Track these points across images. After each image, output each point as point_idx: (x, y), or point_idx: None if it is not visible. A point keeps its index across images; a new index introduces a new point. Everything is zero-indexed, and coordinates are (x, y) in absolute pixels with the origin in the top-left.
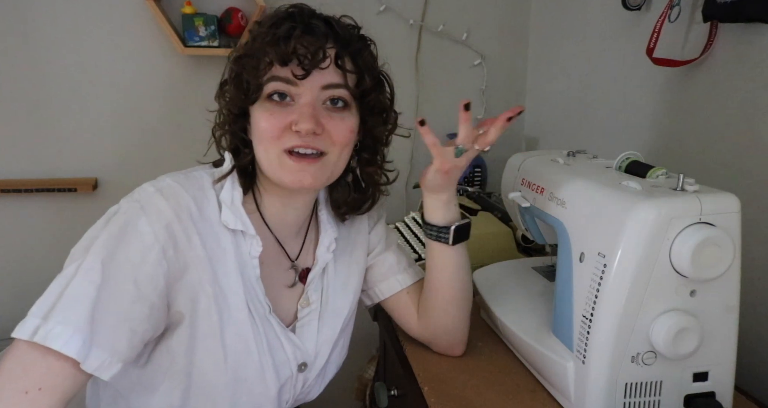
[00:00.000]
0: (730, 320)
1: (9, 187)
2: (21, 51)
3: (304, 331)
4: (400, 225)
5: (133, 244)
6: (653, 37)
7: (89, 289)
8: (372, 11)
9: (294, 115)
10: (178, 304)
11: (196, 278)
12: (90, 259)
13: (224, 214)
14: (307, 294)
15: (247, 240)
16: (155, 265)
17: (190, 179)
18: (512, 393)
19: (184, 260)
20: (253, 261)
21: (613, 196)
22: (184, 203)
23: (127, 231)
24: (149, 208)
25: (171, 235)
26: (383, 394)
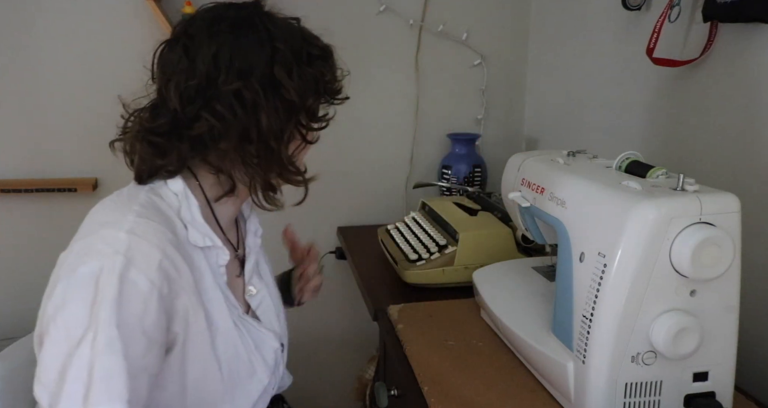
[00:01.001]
0: (730, 320)
1: (9, 187)
2: (21, 51)
3: (266, 315)
4: (400, 225)
5: (133, 300)
6: (653, 37)
7: (118, 360)
8: (372, 11)
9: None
10: (176, 326)
11: (186, 303)
12: (105, 331)
13: (191, 234)
14: (251, 281)
15: (214, 251)
16: (157, 309)
17: (147, 207)
18: (512, 393)
19: (176, 290)
20: (221, 269)
21: (613, 196)
22: (162, 235)
23: (124, 289)
24: (135, 256)
25: (164, 274)
26: (383, 394)
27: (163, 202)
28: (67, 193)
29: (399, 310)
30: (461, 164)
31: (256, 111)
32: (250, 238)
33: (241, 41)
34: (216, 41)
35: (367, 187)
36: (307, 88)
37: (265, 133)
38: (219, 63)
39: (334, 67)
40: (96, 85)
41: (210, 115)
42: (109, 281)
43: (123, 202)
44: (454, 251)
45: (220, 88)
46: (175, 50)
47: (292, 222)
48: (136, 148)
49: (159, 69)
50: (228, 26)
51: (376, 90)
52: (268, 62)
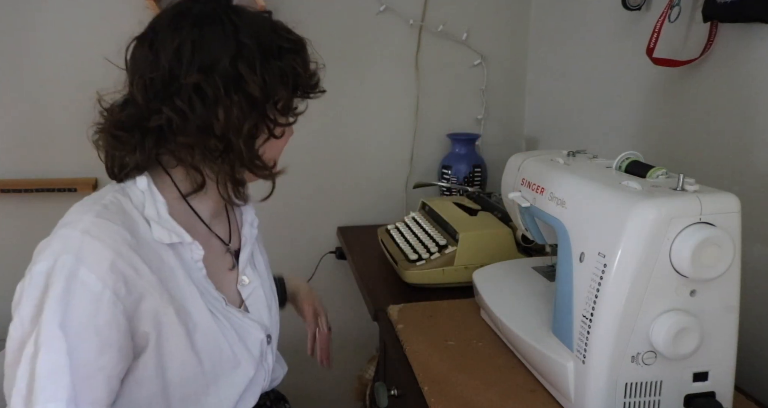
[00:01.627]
0: (730, 320)
1: (9, 187)
2: (21, 51)
3: (256, 306)
4: (400, 225)
5: (83, 298)
6: (653, 37)
7: (60, 358)
8: (372, 11)
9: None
10: (144, 326)
11: (153, 304)
12: (47, 329)
13: (155, 232)
14: (245, 273)
15: (186, 246)
16: (111, 309)
17: (109, 207)
18: (512, 393)
19: (137, 292)
20: (198, 264)
21: (613, 196)
22: (118, 235)
23: (71, 288)
24: (85, 256)
25: (118, 274)
26: (383, 394)
27: (129, 202)
28: (67, 193)
29: (399, 310)
30: (461, 164)
31: (215, 105)
32: (246, 228)
33: (204, 35)
34: (179, 35)
35: (367, 187)
36: (274, 82)
37: (224, 128)
38: (181, 57)
39: (306, 60)
40: (96, 85)
41: (169, 108)
42: (57, 280)
43: (89, 202)
44: (454, 251)
45: (180, 82)
46: (143, 46)
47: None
48: (102, 142)
49: (129, 64)
50: (192, 20)
51: (376, 90)
52: (232, 56)
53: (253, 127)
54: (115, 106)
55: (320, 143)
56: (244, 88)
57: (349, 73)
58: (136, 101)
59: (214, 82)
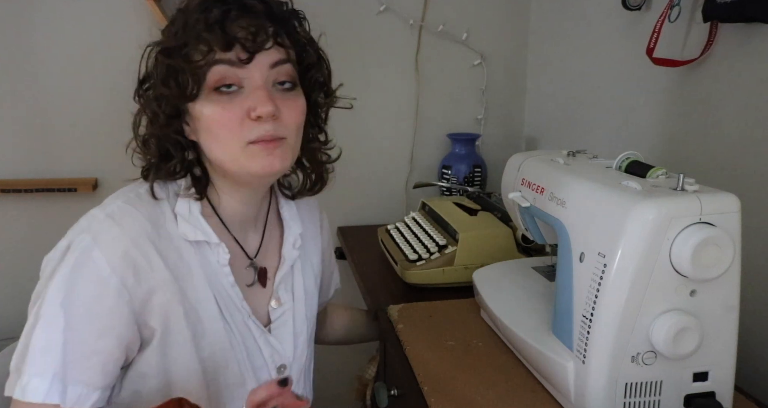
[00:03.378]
0: (730, 320)
1: (9, 187)
2: (20, 50)
3: (281, 332)
4: (400, 225)
5: (89, 279)
6: (653, 37)
7: (56, 335)
8: (372, 11)
9: (248, 101)
10: (152, 321)
11: (164, 299)
12: (48, 304)
13: (181, 227)
14: (277, 293)
15: (213, 248)
16: (115, 297)
17: (142, 197)
18: (512, 393)
19: (148, 285)
20: (224, 269)
21: (613, 196)
22: (139, 225)
23: (81, 266)
24: (102, 238)
25: (129, 263)
26: (383, 394)
27: (163, 194)
28: (67, 193)
29: (399, 310)
30: (461, 164)
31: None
32: (287, 248)
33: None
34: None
35: (367, 187)
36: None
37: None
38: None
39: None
40: (96, 85)
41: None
42: (71, 256)
43: (128, 188)
44: (454, 251)
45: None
46: None
47: None
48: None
49: None
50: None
51: (376, 90)
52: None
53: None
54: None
55: None
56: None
57: (349, 73)
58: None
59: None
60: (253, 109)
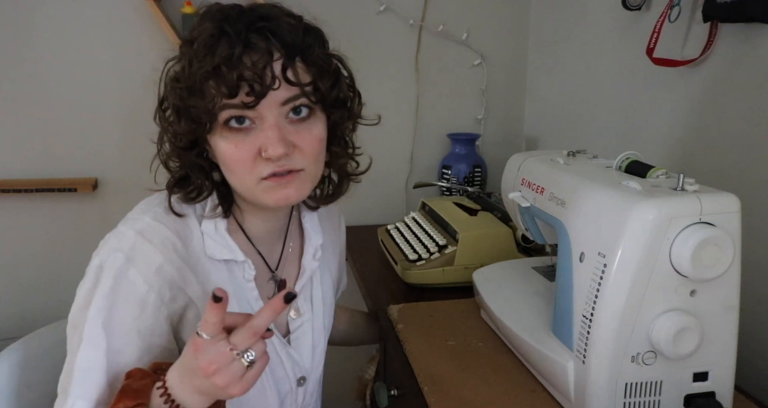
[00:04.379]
0: (730, 320)
1: (9, 187)
2: (21, 51)
3: (300, 343)
4: (400, 225)
5: (128, 299)
6: (653, 37)
7: (98, 357)
8: (372, 11)
9: (260, 139)
10: (185, 335)
11: (196, 314)
12: (90, 325)
13: (208, 246)
14: (296, 304)
15: (239, 265)
16: (155, 313)
17: (170, 214)
18: (512, 393)
19: (183, 300)
20: (249, 284)
21: (613, 196)
22: (170, 242)
23: (119, 287)
24: (136, 256)
25: (165, 279)
26: (383, 394)
27: (190, 210)
28: (67, 193)
29: (399, 310)
30: (461, 164)
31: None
32: (307, 259)
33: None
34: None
35: (367, 187)
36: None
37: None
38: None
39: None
40: (96, 85)
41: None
42: (107, 276)
43: (155, 201)
44: (454, 251)
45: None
46: None
47: None
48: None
49: None
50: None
51: (376, 90)
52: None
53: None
54: None
55: None
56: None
57: None
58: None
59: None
60: (264, 150)
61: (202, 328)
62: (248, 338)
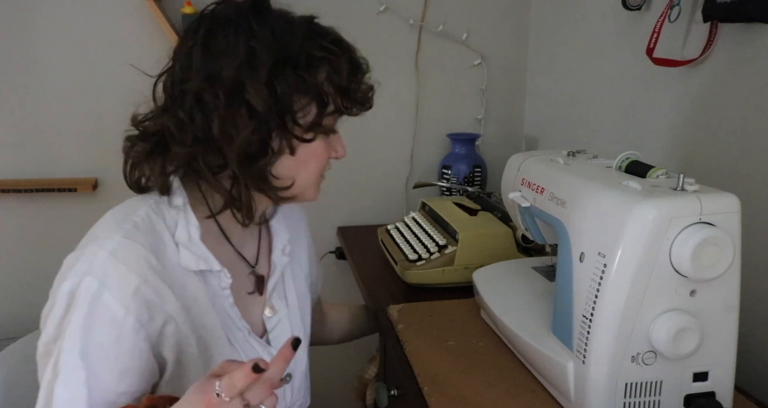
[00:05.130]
0: (730, 320)
1: (9, 187)
2: (21, 51)
3: (280, 341)
4: (400, 225)
5: (105, 324)
6: (653, 37)
7: (79, 388)
8: (372, 11)
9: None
10: (165, 352)
11: (175, 329)
12: (66, 356)
13: (183, 258)
14: (271, 302)
15: (214, 274)
16: (134, 336)
17: (140, 226)
18: (512, 393)
19: (161, 318)
20: (224, 292)
21: (613, 196)
22: (144, 260)
23: (94, 313)
24: (110, 280)
25: (142, 300)
26: (383, 394)
27: (161, 222)
28: (67, 193)
29: (399, 310)
30: (461, 164)
31: (212, 115)
32: (276, 255)
33: (215, 39)
34: (193, 39)
35: (367, 187)
36: (289, 94)
37: (220, 140)
38: (191, 62)
39: (342, 69)
40: (96, 85)
41: (170, 115)
42: (81, 303)
43: (121, 216)
44: (454, 251)
45: (184, 88)
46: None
47: None
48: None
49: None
50: (208, 24)
51: (376, 90)
52: (239, 64)
53: (257, 141)
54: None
55: None
56: (245, 98)
57: None
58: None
59: (214, 90)
60: (336, 151)
61: (225, 390)
62: (264, 392)
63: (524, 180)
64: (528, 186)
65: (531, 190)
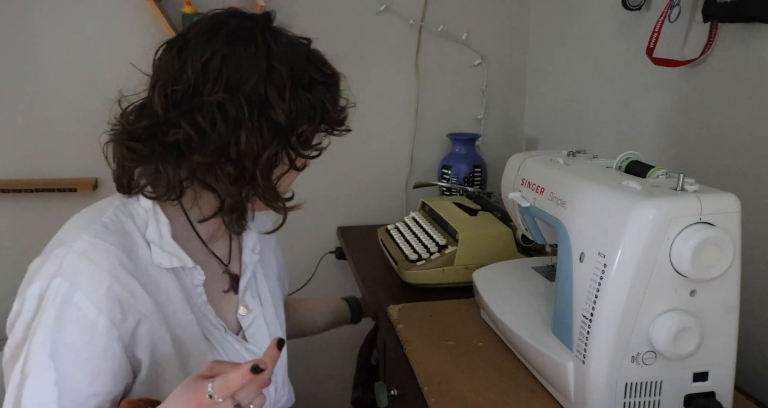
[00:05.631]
0: (730, 320)
1: (9, 187)
2: (21, 51)
3: (257, 338)
4: (400, 225)
5: (77, 325)
6: (653, 37)
7: (49, 388)
8: (372, 11)
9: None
10: (139, 352)
11: (149, 328)
12: (35, 358)
13: (156, 255)
14: (244, 300)
15: (187, 271)
16: (107, 336)
17: (109, 226)
18: (512, 393)
19: (134, 317)
20: (198, 289)
21: (613, 196)
22: (115, 258)
23: (65, 314)
24: (81, 280)
25: (114, 299)
26: (383, 394)
27: (130, 222)
28: (67, 193)
29: (399, 310)
30: (461, 164)
31: (238, 127)
32: (246, 254)
33: (236, 53)
34: (210, 48)
35: (367, 187)
36: (301, 113)
37: (243, 153)
38: (208, 72)
39: (336, 95)
40: (96, 85)
41: (188, 124)
42: (51, 305)
43: (90, 217)
44: (454, 251)
45: (204, 98)
46: (170, 52)
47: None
48: (116, 151)
49: (154, 69)
50: (226, 35)
51: (376, 90)
52: (261, 79)
53: (273, 156)
54: (132, 111)
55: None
56: (268, 113)
57: (349, 73)
58: (155, 109)
59: (238, 102)
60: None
61: (218, 391)
62: (255, 392)
63: (524, 180)
64: (528, 186)
65: (531, 190)
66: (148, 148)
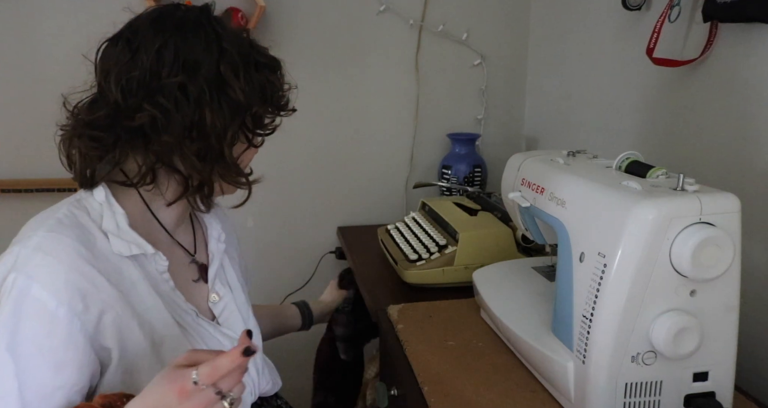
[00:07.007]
0: (730, 320)
1: (9, 187)
2: (21, 51)
3: (231, 323)
4: (400, 225)
5: (35, 317)
6: (653, 37)
7: (8, 382)
8: (372, 11)
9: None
10: (106, 342)
11: (114, 317)
12: None
13: (114, 244)
14: (215, 289)
15: (149, 258)
16: (68, 327)
17: (63, 221)
18: (512, 393)
19: (97, 307)
20: (163, 276)
21: (613, 196)
22: (72, 249)
23: (22, 307)
24: (37, 272)
25: (73, 289)
26: (383, 394)
27: (85, 215)
28: (67, 193)
29: (399, 310)
30: (461, 164)
31: (200, 107)
32: (212, 244)
33: (187, 38)
34: (161, 36)
35: (367, 187)
36: (254, 92)
37: (208, 131)
38: (163, 57)
39: (281, 78)
40: None
41: (152, 105)
42: (5, 301)
43: (42, 217)
44: (454, 251)
45: (163, 81)
46: (117, 45)
47: (292, 222)
48: (76, 144)
49: (100, 64)
50: (174, 24)
51: (376, 90)
52: (215, 61)
53: (235, 133)
54: (83, 107)
55: (320, 143)
56: (227, 92)
57: (349, 73)
58: (108, 99)
59: (198, 82)
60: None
61: (203, 377)
62: (235, 379)
63: (524, 180)
64: (528, 186)
65: (531, 190)
66: (112, 136)
